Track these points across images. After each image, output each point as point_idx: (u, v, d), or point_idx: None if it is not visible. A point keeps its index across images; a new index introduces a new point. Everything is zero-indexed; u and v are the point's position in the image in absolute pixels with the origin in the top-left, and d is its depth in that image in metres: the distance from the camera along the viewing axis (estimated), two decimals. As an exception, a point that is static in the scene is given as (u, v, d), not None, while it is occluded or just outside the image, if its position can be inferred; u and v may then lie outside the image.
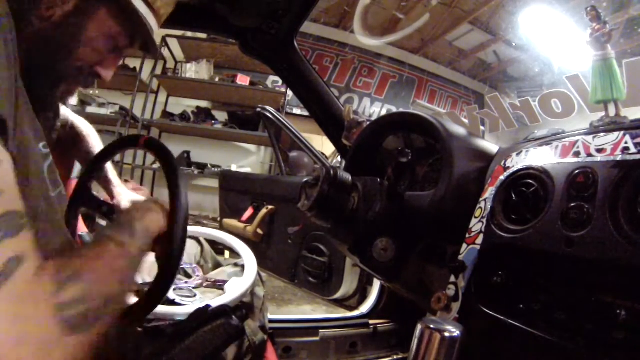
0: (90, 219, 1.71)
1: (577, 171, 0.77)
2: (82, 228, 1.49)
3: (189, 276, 1.26)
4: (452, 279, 0.91)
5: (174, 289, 1.15)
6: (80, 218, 1.47)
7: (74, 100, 3.61)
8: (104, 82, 0.80)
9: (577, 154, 0.80)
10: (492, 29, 5.10)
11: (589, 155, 0.77)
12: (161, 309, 0.99)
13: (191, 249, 1.40)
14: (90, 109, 4.09)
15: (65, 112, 1.12)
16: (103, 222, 2.33)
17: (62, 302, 0.48)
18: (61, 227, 0.74)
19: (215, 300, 1.06)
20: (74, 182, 1.17)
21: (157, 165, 4.34)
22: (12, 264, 0.44)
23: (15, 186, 0.50)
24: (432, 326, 0.68)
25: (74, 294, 0.49)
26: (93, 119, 4.65)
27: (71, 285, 0.50)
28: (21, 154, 0.55)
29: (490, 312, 0.82)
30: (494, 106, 1.61)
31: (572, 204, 0.74)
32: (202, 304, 0.99)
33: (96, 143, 1.17)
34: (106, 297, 0.54)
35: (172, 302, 1.08)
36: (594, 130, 0.86)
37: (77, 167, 1.45)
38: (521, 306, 0.81)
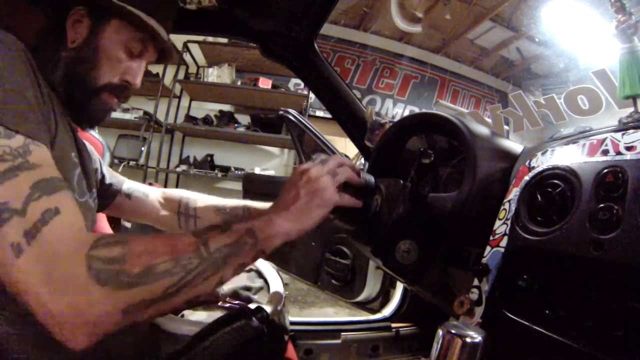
0: (116, 221, 1.74)
1: (605, 170, 0.73)
2: (106, 228, 1.52)
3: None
4: (476, 282, 0.88)
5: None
6: (105, 219, 1.51)
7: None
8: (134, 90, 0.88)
9: (605, 152, 0.77)
10: (514, 25, 4.98)
11: (618, 153, 0.74)
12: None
13: None
14: (115, 115, 4.15)
15: None
16: (128, 224, 2.36)
17: (95, 255, 0.52)
18: None
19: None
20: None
21: (180, 169, 4.41)
22: (49, 214, 0.52)
23: (54, 165, 0.58)
24: (453, 331, 0.66)
25: (113, 253, 0.53)
26: (118, 124, 4.73)
27: (115, 247, 0.54)
28: (56, 158, 0.62)
29: (515, 318, 0.80)
30: (517, 105, 1.57)
31: (601, 205, 0.71)
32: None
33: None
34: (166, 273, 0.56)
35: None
36: (622, 127, 0.82)
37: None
38: (547, 312, 0.78)
